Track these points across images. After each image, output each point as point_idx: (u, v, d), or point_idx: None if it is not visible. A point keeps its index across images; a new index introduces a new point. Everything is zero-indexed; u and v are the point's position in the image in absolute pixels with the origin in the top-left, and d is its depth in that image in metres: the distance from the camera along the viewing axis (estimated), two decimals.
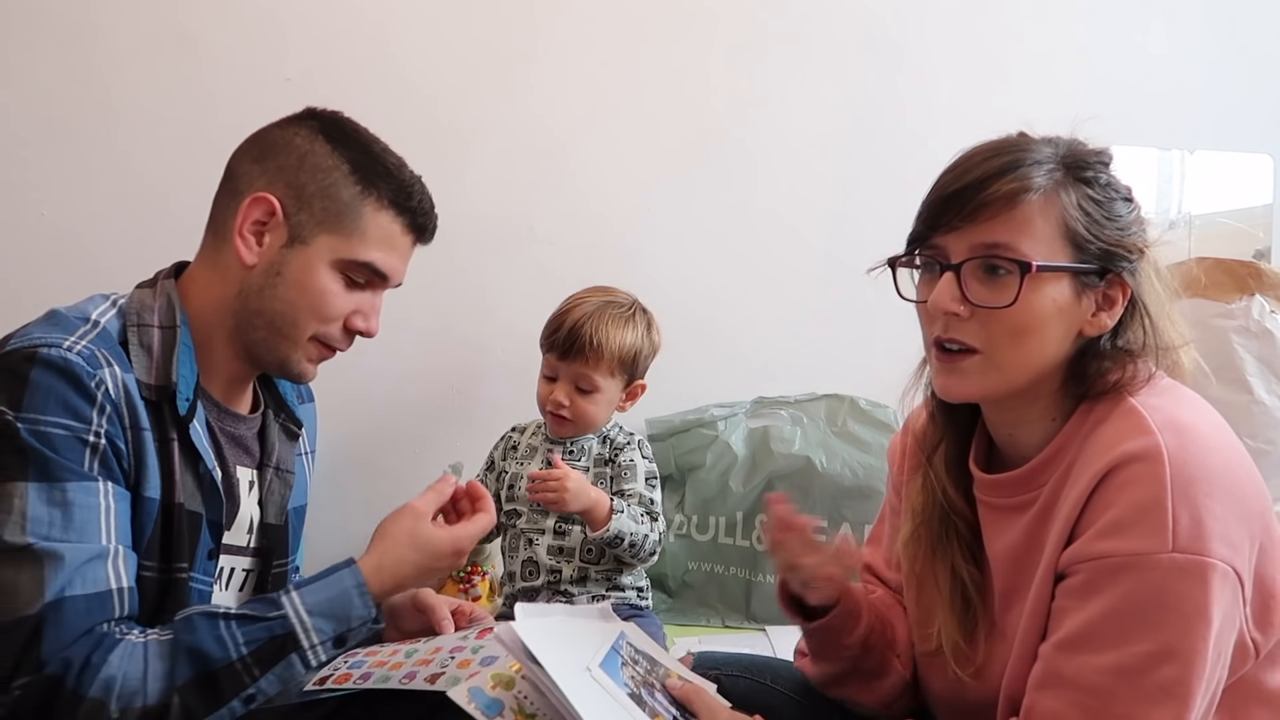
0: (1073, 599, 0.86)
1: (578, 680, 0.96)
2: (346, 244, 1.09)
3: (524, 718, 0.99)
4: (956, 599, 1.00)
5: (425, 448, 1.98)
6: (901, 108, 2.13)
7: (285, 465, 1.23)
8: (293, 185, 1.09)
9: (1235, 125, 2.23)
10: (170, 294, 1.10)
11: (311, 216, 1.08)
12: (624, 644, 1.09)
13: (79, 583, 0.93)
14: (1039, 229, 0.90)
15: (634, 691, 0.99)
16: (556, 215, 2.02)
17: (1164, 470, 0.81)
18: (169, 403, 1.05)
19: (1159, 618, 0.81)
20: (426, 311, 1.94)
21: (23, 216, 1.82)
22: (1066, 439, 0.92)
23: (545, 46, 1.99)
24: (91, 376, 0.97)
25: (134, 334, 1.06)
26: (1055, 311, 0.90)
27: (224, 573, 1.16)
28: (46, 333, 0.99)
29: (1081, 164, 0.93)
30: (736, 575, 1.98)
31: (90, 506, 0.96)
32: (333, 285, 1.10)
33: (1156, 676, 0.81)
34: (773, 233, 2.10)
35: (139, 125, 1.83)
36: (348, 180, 1.09)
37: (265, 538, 1.21)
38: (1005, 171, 0.90)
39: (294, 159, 1.10)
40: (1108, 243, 0.91)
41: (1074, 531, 0.87)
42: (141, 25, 1.83)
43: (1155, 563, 0.81)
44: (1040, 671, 0.88)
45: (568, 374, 1.61)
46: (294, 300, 1.09)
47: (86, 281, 1.83)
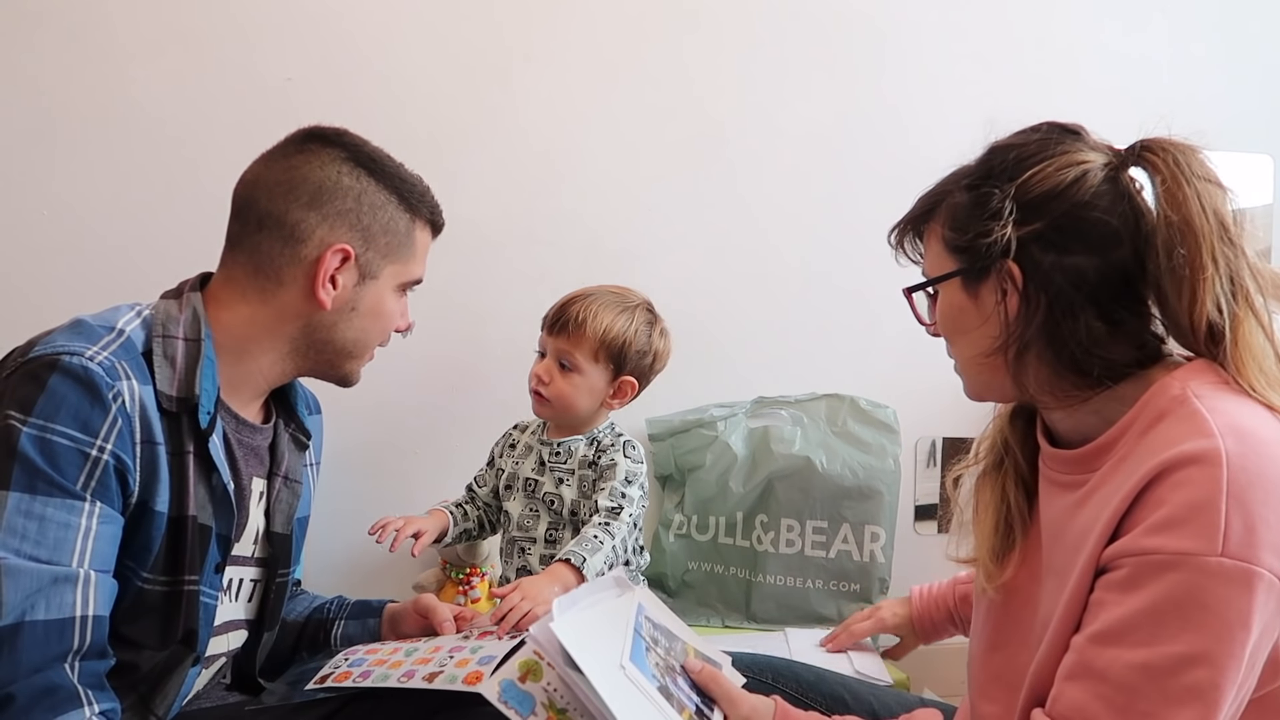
0: (1112, 592, 0.85)
1: (614, 681, 0.97)
2: (406, 268, 1.19)
3: (555, 713, 1.00)
4: (1001, 521, 1.05)
5: (425, 449, 1.99)
6: (900, 108, 2.13)
7: (294, 475, 1.24)
8: (357, 228, 1.13)
9: (1235, 125, 2.23)
10: (196, 307, 1.11)
11: (378, 253, 1.15)
12: (644, 621, 1.10)
13: (41, 606, 0.91)
14: (932, 250, 1.02)
15: (662, 684, 1.02)
16: (556, 216, 2.02)
17: (1221, 473, 0.80)
18: (189, 415, 1.05)
19: (1198, 620, 0.80)
20: (426, 312, 1.92)
21: (23, 216, 1.82)
22: (1124, 430, 0.91)
23: (544, 47, 1.99)
24: (110, 388, 0.97)
25: (159, 345, 1.06)
26: (956, 313, 1.00)
27: (232, 584, 1.16)
28: (70, 340, 0.99)
29: (964, 174, 1.00)
30: (736, 575, 1.98)
31: (69, 525, 0.94)
32: (397, 306, 1.21)
33: (1186, 678, 0.80)
34: (773, 233, 2.11)
35: (139, 125, 1.83)
36: (400, 212, 1.17)
37: (271, 546, 1.21)
38: (906, 215, 1.06)
39: (351, 201, 1.13)
40: (972, 237, 0.95)
41: (1120, 526, 0.86)
42: (141, 26, 1.83)
43: (1202, 565, 0.79)
44: (1071, 663, 0.88)
45: (553, 349, 1.61)
46: (367, 327, 1.18)
47: (86, 281, 1.85)
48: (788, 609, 1.94)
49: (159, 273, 1.85)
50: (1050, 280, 0.92)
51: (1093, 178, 0.93)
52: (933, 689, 1.77)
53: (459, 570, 1.83)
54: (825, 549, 1.95)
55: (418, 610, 1.31)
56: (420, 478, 1.93)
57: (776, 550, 1.95)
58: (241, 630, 1.21)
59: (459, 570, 1.83)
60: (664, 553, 2.00)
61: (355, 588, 1.75)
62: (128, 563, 1.01)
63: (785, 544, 1.96)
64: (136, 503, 1.00)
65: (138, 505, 1.01)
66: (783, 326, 2.12)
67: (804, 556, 1.95)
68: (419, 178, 1.21)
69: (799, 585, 1.95)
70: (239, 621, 1.20)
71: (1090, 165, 0.93)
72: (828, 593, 1.94)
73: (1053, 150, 0.94)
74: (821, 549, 1.95)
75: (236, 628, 1.20)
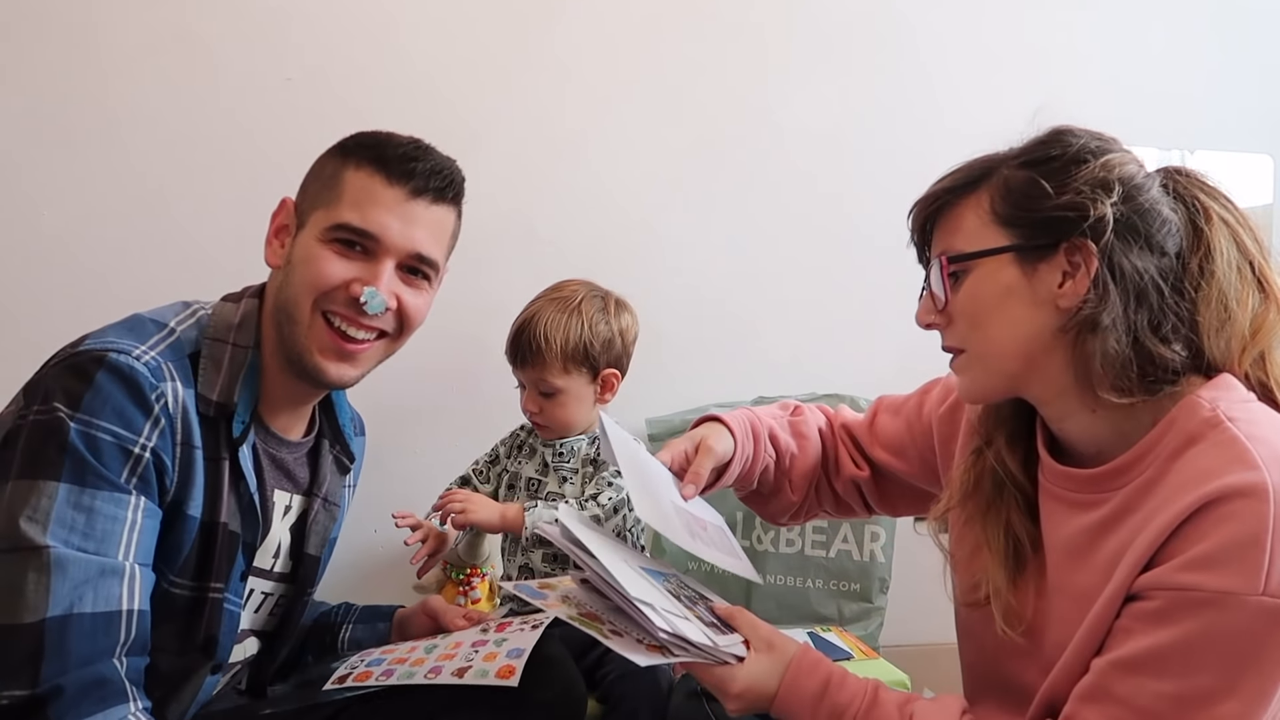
0: (1142, 622, 0.84)
1: (617, 559, 0.99)
2: (329, 212, 1.08)
3: (570, 603, 1.02)
4: (1009, 553, 0.99)
5: (427, 449, 1.98)
6: (902, 109, 2.14)
7: (333, 498, 1.23)
8: (303, 188, 1.13)
9: (1235, 125, 2.23)
10: (251, 314, 1.10)
11: (306, 199, 1.11)
12: (673, 576, 1.11)
13: (89, 598, 0.92)
14: (969, 224, 0.95)
15: (676, 594, 1.02)
16: (558, 215, 2.02)
17: (1269, 510, 0.78)
18: (226, 421, 1.05)
19: (1234, 657, 0.79)
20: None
21: (23, 217, 1.81)
22: (1148, 449, 0.89)
23: (546, 47, 1.99)
24: (154, 388, 0.98)
25: (208, 347, 1.06)
26: (1003, 292, 0.92)
27: (250, 595, 1.16)
28: (121, 337, 0.99)
29: (1025, 152, 0.94)
30: (736, 575, 1.97)
31: (116, 518, 0.95)
32: (323, 253, 1.07)
33: (1216, 711, 0.80)
34: (772, 233, 2.11)
35: (139, 125, 1.83)
36: (331, 157, 1.12)
37: (302, 567, 1.21)
38: (939, 186, 0.98)
39: (314, 169, 1.13)
40: (1047, 210, 0.90)
41: (1156, 556, 0.84)
42: (142, 25, 1.83)
43: (1243, 604, 0.78)
44: (1090, 684, 0.86)
45: (529, 380, 1.61)
46: (297, 280, 1.08)
47: (86, 282, 1.84)
48: (788, 609, 1.94)
49: (159, 273, 1.87)
50: (1122, 268, 0.88)
51: (1154, 178, 0.93)
52: (933, 689, 1.77)
53: (459, 570, 1.83)
54: (825, 549, 1.95)
55: (426, 612, 1.31)
56: (420, 478, 1.93)
57: (776, 550, 1.95)
58: (252, 639, 1.21)
59: (459, 570, 1.83)
60: (664, 553, 1.99)
61: (355, 588, 1.75)
62: (156, 564, 1.01)
63: (785, 544, 1.96)
64: (170, 503, 1.01)
65: (171, 505, 1.01)
66: (783, 326, 2.12)
67: (804, 556, 1.95)
68: (411, 139, 1.13)
69: (799, 585, 1.95)
70: (247, 631, 1.19)
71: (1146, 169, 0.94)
72: (828, 592, 1.94)
73: (1115, 146, 0.94)
74: (821, 549, 1.95)
75: (246, 637, 1.19)
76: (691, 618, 0.98)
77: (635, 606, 0.93)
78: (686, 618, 0.97)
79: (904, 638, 2.01)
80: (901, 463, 1.24)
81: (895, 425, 1.26)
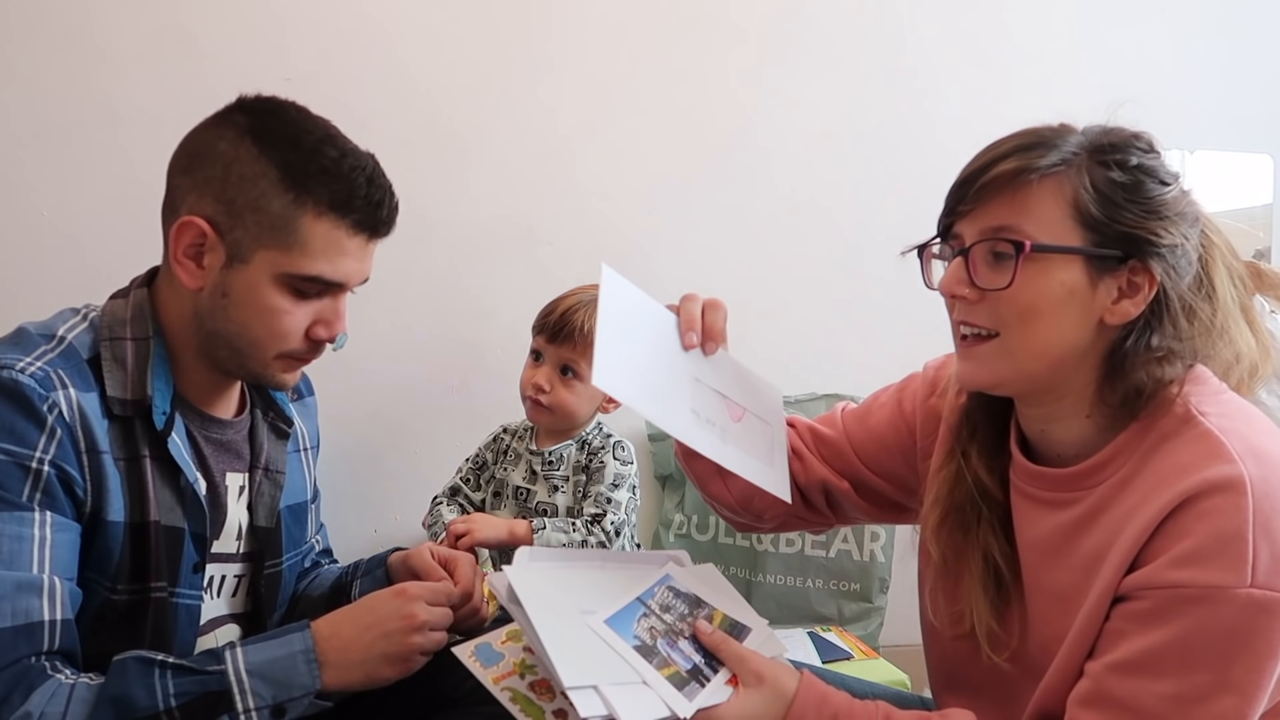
0: (1133, 623, 0.84)
1: (559, 622, 0.92)
2: (288, 258, 1.00)
3: (524, 668, 0.96)
4: (989, 580, 0.98)
5: (426, 449, 1.98)
6: (901, 110, 2.13)
7: (275, 466, 1.20)
8: (221, 199, 1.00)
9: (1235, 125, 2.23)
10: (143, 304, 1.06)
11: (246, 233, 1.00)
12: (660, 589, 1.03)
13: (7, 614, 0.90)
14: (1046, 210, 0.88)
15: (642, 644, 0.94)
16: (556, 216, 2.02)
17: (1247, 502, 0.79)
18: (144, 417, 1.02)
19: (1228, 652, 0.80)
20: (426, 313, 1.94)
21: (23, 216, 1.81)
22: (1122, 447, 0.89)
23: (546, 47, 1.99)
24: (44, 399, 0.93)
25: (107, 348, 1.02)
26: (1065, 295, 0.87)
27: (213, 582, 1.14)
28: (3, 353, 0.96)
29: (1107, 147, 0.89)
30: (736, 575, 1.98)
31: (21, 538, 0.91)
32: (283, 303, 1.02)
33: (1215, 706, 0.80)
34: (772, 234, 2.11)
35: (139, 125, 1.83)
36: (277, 189, 0.99)
37: (255, 540, 1.18)
38: (1012, 154, 0.89)
39: (220, 169, 1.01)
40: (1129, 226, 0.86)
41: (1140, 557, 0.84)
42: (141, 26, 1.83)
43: (1231, 597, 0.78)
44: (1087, 689, 0.86)
45: (554, 357, 1.58)
46: (246, 321, 1.02)
47: (86, 282, 1.84)
48: (788, 608, 1.94)
49: None
50: (1169, 298, 0.88)
51: None
52: None
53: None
54: (825, 548, 1.95)
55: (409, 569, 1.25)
56: (420, 478, 1.93)
57: (776, 550, 1.96)
58: (231, 625, 1.18)
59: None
60: (662, 544, 2.00)
61: None
62: (89, 574, 0.99)
63: (785, 543, 1.96)
64: (89, 513, 0.98)
65: (90, 515, 0.98)
66: (783, 326, 2.11)
67: (804, 556, 1.95)
68: (358, 165, 1.02)
69: (799, 585, 1.95)
70: (224, 617, 1.17)
71: None
72: (828, 592, 1.94)
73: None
74: (821, 548, 1.95)
75: (223, 624, 1.17)
76: (658, 675, 0.90)
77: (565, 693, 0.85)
78: (644, 682, 0.90)
79: (904, 638, 2.00)
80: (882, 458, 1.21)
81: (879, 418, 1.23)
